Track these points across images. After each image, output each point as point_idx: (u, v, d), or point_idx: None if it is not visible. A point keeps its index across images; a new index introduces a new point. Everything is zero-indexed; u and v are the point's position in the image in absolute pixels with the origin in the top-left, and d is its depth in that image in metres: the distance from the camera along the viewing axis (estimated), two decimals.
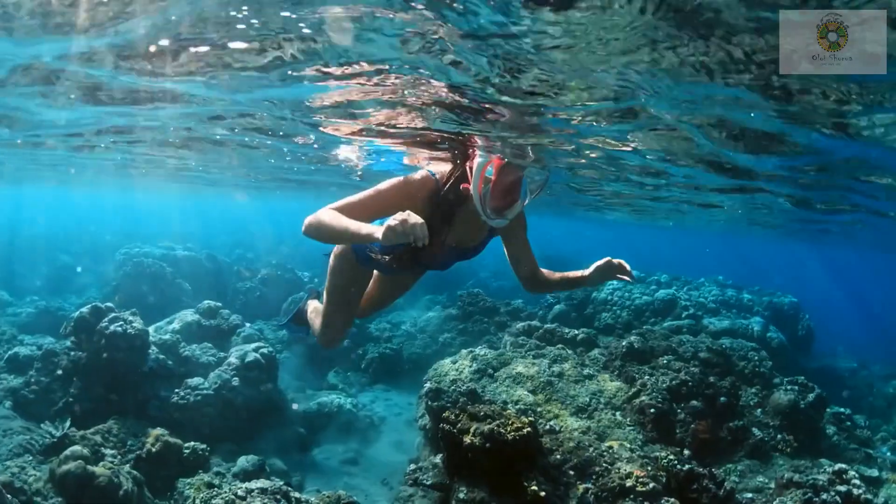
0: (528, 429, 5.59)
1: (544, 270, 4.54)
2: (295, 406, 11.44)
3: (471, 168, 3.88)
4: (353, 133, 7.21)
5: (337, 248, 4.72)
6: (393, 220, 3.14)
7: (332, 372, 13.63)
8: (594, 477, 5.94)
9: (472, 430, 5.55)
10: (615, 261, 4.28)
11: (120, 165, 15.91)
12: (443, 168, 4.13)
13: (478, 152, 4.01)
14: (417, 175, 4.01)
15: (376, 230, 3.24)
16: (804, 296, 18.02)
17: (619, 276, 4.27)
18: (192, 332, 12.30)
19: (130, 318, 9.86)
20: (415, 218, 3.16)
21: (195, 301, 13.86)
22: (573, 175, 9.20)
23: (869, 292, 65.99)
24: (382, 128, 6.41)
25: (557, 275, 4.53)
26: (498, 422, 5.54)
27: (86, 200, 40.62)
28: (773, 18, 2.62)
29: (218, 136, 9.09)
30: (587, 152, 6.70)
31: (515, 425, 5.53)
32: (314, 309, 5.65)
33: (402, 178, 3.97)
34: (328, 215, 3.56)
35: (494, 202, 3.81)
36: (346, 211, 3.65)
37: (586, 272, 4.34)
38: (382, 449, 11.00)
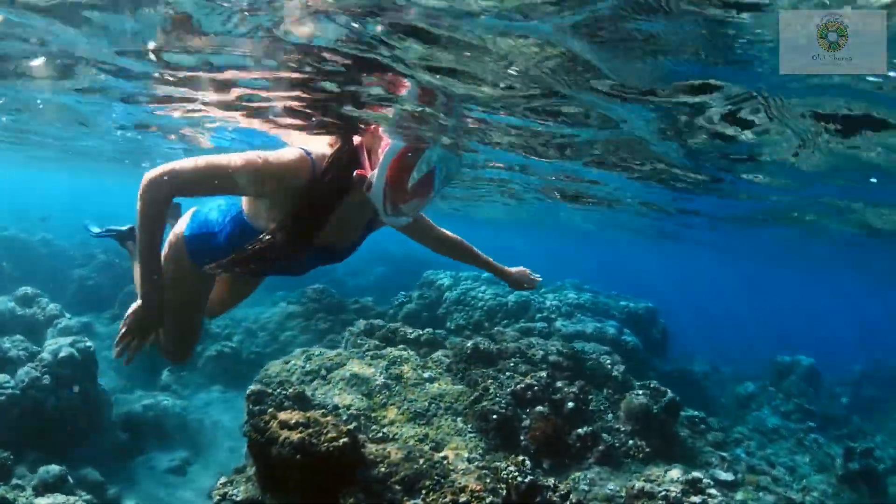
0: (346, 439, 4.88)
1: (447, 232, 4.03)
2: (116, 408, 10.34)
3: (369, 151, 3.03)
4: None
5: (168, 253, 3.59)
6: (132, 319, 3.22)
7: (165, 371, 12.45)
8: (423, 492, 5.30)
9: (281, 439, 4.79)
10: (528, 275, 4.36)
11: None
12: (320, 147, 3.12)
13: (385, 136, 3.09)
14: (291, 155, 2.99)
15: (143, 291, 3.18)
16: (659, 300, 18.28)
17: (526, 286, 4.36)
18: (3, 322, 10.98)
19: None
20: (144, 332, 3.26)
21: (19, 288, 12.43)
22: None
23: (722, 296, 69.94)
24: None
25: (469, 246, 4.10)
26: (311, 430, 4.80)
27: None
28: None
29: None
30: None
31: (331, 435, 4.81)
32: None
33: (270, 156, 2.97)
34: (151, 223, 2.99)
35: (401, 197, 2.96)
36: (191, 175, 2.89)
37: (507, 269, 4.29)
38: (215, 456, 10.07)
